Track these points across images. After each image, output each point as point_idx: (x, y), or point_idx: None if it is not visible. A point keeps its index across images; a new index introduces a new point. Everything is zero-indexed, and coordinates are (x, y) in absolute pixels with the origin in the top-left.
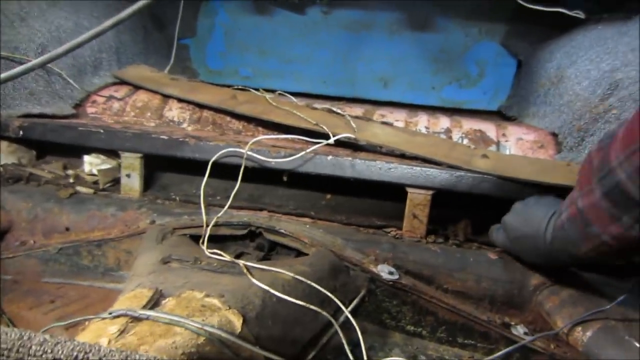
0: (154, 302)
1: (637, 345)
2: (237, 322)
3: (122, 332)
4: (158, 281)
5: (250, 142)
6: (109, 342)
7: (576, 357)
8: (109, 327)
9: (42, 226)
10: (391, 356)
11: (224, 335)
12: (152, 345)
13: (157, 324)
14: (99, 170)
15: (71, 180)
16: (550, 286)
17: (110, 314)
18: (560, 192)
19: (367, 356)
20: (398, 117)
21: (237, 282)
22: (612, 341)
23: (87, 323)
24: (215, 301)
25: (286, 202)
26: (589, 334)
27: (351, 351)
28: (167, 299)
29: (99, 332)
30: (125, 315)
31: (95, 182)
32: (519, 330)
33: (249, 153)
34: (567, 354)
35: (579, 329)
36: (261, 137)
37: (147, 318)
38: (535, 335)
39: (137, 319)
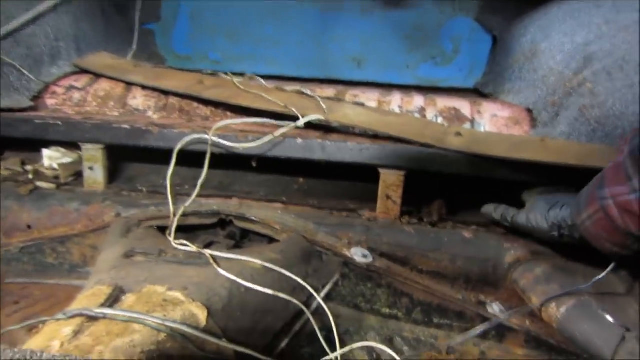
0: (113, 299)
1: (611, 319)
2: (202, 315)
3: (77, 334)
4: (119, 277)
5: (215, 128)
6: (62, 345)
7: (551, 333)
8: (63, 328)
9: (2, 225)
10: (367, 340)
11: (186, 329)
12: (108, 345)
13: (114, 323)
14: (59, 164)
15: (30, 176)
16: (524, 263)
17: (65, 314)
18: (533, 168)
19: (342, 340)
20: (371, 97)
21: (202, 274)
22: (586, 316)
23: (40, 326)
24: (178, 294)
25: (257, 188)
26: (562, 310)
27: (325, 337)
28: (127, 295)
29: (52, 334)
30: (81, 315)
31: (57, 177)
32: (495, 308)
33: (215, 139)
34: (542, 330)
35: (553, 305)
36: (226, 121)
37: (104, 317)
38: (510, 312)
39: (93, 319)
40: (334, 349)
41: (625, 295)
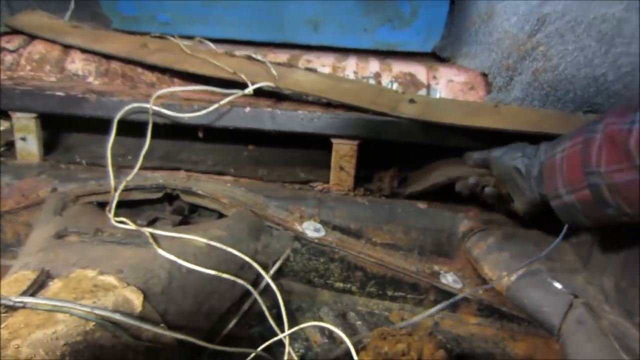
0: (38, 286)
1: (559, 286)
2: (137, 300)
3: None
4: (47, 260)
5: (155, 95)
6: None
7: (503, 301)
8: None
9: None
10: (320, 316)
11: (118, 317)
12: (27, 338)
13: (35, 313)
14: None
15: None
16: (478, 232)
17: None
18: (487, 135)
19: (294, 317)
20: (325, 63)
21: (140, 255)
22: (535, 284)
23: None
24: (111, 279)
25: (205, 157)
26: (513, 278)
27: (275, 315)
28: (54, 281)
29: None
30: None
31: None
32: (448, 278)
33: (157, 109)
34: (495, 299)
35: (505, 274)
36: (168, 89)
37: (24, 306)
38: (465, 282)
39: (12, 309)
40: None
41: (574, 262)
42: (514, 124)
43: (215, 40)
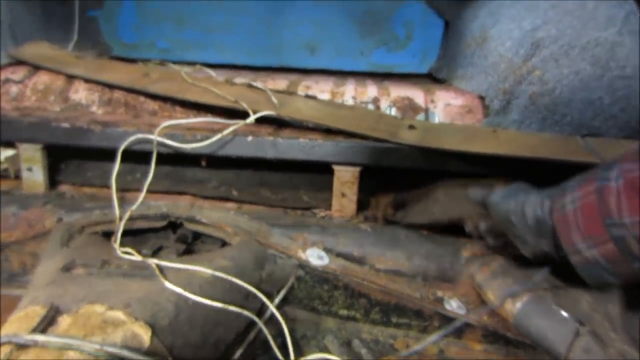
0: (48, 322)
1: (565, 314)
2: (145, 335)
3: None
4: (55, 294)
5: (160, 128)
6: None
7: (508, 327)
8: None
9: None
10: (325, 344)
11: (127, 353)
12: None
13: (46, 350)
14: (6, 158)
15: None
16: (481, 257)
17: None
18: (486, 160)
19: (299, 346)
20: (324, 88)
21: (147, 288)
22: (541, 311)
23: None
24: (119, 314)
25: (208, 182)
26: (518, 305)
27: (280, 344)
28: (63, 317)
29: None
30: (9, 342)
31: (6, 170)
32: (452, 304)
33: (161, 139)
34: (500, 324)
35: (509, 300)
36: (172, 121)
37: (35, 344)
38: (469, 308)
39: (24, 346)
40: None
41: (577, 286)
42: (511, 149)
43: (214, 66)
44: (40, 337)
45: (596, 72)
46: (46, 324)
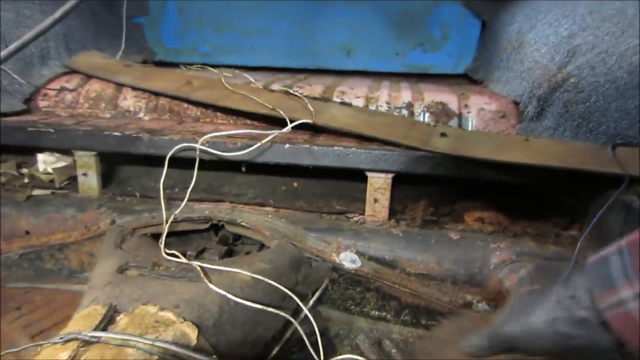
0: (107, 320)
1: None
2: (193, 334)
3: (73, 359)
4: (113, 295)
5: (202, 139)
6: None
7: None
8: (60, 353)
9: (1, 231)
10: (356, 342)
11: (177, 349)
12: None
13: (108, 347)
14: (54, 169)
15: (26, 181)
16: (510, 264)
17: (61, 338)
18: (517, 169)
19: (332, 344)
20: (359, 94)
21: (193, 290)
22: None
23: (39, 349)
24: (170, 314)
25: (246, 190)
26: None
27: (314, 342)
28: (120, 316)
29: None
30: (76, 339)
31: (52, 181)
32: (480, 308)
33: (204, 148)
34: None
35: None
36: (214, 133)
37: (98, 341)
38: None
39: (88, 342)
40: (325, 353)
41: None
42: (542, 158)
43: (252, 69)
44: (102, 334)
45: (633, 80)
46: (106, 323)
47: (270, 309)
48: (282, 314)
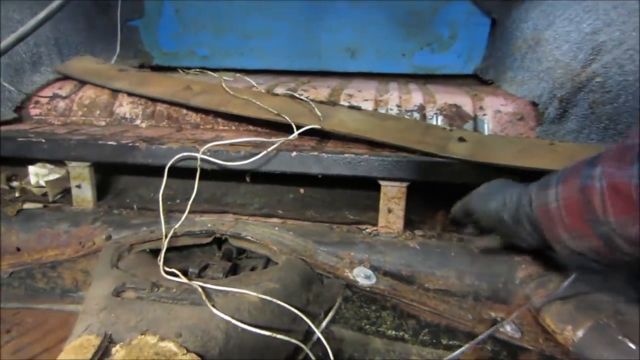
0: (102, 353)
1: (632, 346)
2: None
3: None
4: (109, 322)
5: (203, 148)
6: None
7: (566, 351)
8: None
9: None
10: None
11: None
12: None
13: None
14: (47, 182)
15: (17, 195)
16: (537, 279)
17: None
18: (542, 175)
19: None
20: (367, 97)
21: (196, 314)
22: (605, 341)
23: None
24: (171, 345)
25: (251, 200)
26: (580, 333)
27: None
28: (116, 348)
29: None
30: None
31: (45, 194)
32: (506, 327)
33: (205, 157)
34: (557, 349)
35: (569, 327)
36: (216, 142)
37: None
38: (524, 330)
39: None
40: None
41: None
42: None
43: (252, 72)
44: None
45: None
46: (100, 356)
47: (280, 336)
48: (293, 340)
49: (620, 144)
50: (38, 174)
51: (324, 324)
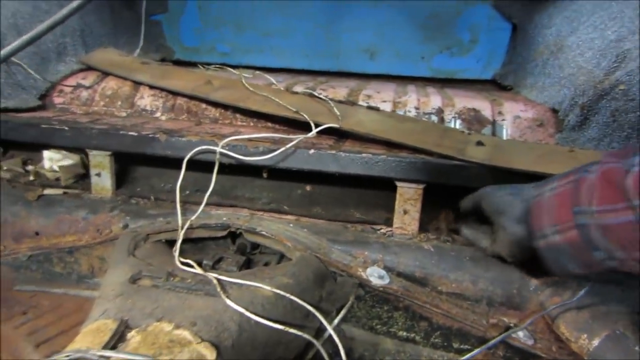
0: (118, 337)
1: None
2: (210, 356)
3: None
4: (125, 308)
5: (222, 142)
6: None
7: None
8: None
9: (11, 231)
10: None
11: None
12: None
13: None
14: (60, 167)
15: (31, 178)
16: (552, 286)
17: (67, 356)
18: None
19: None
20: (385, 98)
21: (211, 305)
22: (621, 351)
23: None
24: (186, 333)
25: (260, 194)
26: (595, 342)
27: None
28: (132, 333)
29: None
30: (83, 358)
31: (57, 179)
32: (519, 333)
33: (224, 151)
34: (571, 357)
35: (585, 336)
36: (235, 137)
37: None
38: (537, 338)
39: None
40: None
41: None
42: None
43: (272, 70)
44: (112, 354)
45: None
46: (117, 339)
47: (292, 331)
48: (306, 335)
49: (625, 145)
50: (52, 159)
51: (335, 321)
